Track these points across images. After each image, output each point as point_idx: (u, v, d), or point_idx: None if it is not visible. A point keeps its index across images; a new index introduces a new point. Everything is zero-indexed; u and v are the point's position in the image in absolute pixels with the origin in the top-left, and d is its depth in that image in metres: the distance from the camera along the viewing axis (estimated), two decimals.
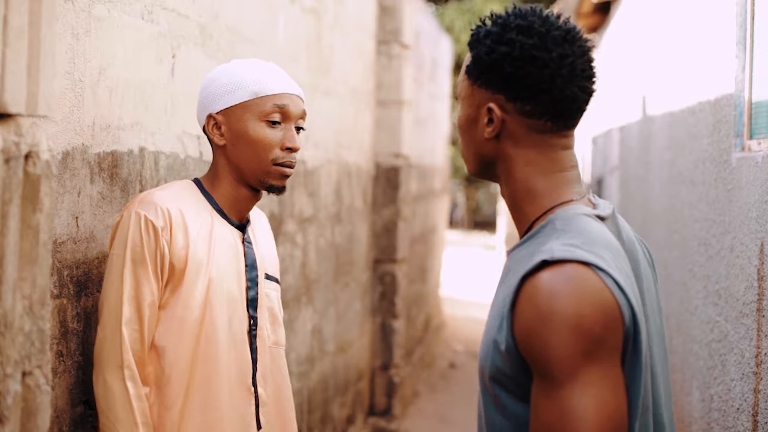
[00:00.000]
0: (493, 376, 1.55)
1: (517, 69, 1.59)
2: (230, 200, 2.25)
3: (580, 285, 1.47)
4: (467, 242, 21.42)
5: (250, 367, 2.22)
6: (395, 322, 6.32)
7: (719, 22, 3.16)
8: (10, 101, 1.41)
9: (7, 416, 1.40)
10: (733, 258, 2.75)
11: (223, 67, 2.27)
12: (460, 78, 1.72)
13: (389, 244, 6.25)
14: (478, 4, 18.22)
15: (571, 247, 1.51)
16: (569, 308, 1.45)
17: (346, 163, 5.36)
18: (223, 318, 2.17)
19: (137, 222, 2.10)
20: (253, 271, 2.27)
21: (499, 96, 1.62)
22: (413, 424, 6.59)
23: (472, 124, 1.67)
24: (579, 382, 1.44)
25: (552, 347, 1.45)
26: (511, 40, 1.58)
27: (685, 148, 3.76)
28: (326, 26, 4.79)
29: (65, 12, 2.12)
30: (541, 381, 1.47)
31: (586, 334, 1.45)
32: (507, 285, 1.57)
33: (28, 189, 1.46)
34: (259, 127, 2.19)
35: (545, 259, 1.49)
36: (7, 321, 1.41)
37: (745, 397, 2.53)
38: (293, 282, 4.27)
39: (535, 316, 1.47)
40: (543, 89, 1.59)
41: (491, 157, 1.67)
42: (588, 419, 1.43)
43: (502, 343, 1.52)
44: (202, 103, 2.26)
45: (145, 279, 2.10)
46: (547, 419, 1.45)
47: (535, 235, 1.60)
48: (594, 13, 8.74)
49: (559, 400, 1.44)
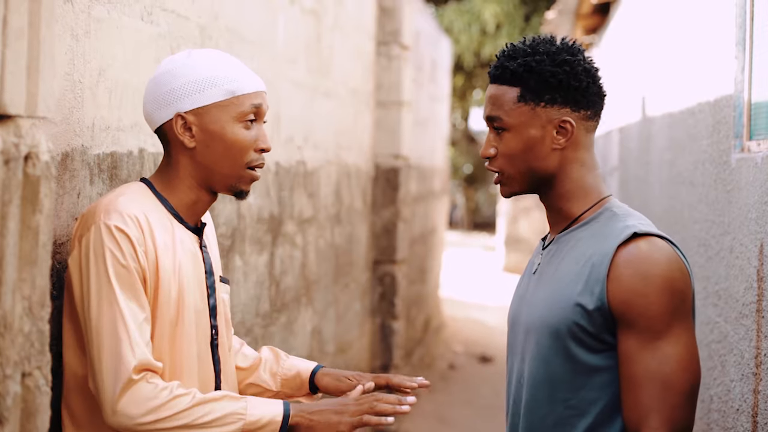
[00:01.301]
0: (572, 332, 1.86)
1: (580, 82, 1.93)
2: (187, 204, 2.07)
3: (669, 253, 1.84)
4: (467, 243, 21.41)
5: (213, 380, 2.10)
6: (395, 323, 6.32)
7: (718, 23, 3.16)
8: (10, 102, 1.41)
9: (7, 417, 1.40)
10: (733, 259, 2.75)
11: (183, 60, 2.05)
12: (510, 107, 1.95)
13: (389, 244, 6.25)
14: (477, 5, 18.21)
15: (647, 225, 1.88)
16: (666, 272, 1.82)
17: (346, 164, 5.36)
18: (192, 331, 2.03)
19: (109, 234, 1.91)
20: (211, 276, 2.12)
21: (566, 109, 1.94)
22: (413, 424, 6.58)
23: (536, 143, 1.95)
24: (674, 335, 1.81)
25: (653, 305, 1.80)
26: (567, 61, 1.93)
27: (685, 149, 3.76)
28: (326, 27, 4.79)
29: (65, 13, 2.12)
30: (637, 334, 1.81)
31: (678, 294, 1.82)
32: (577, 257, 1.90)
33: (28, 190, 1.46)
34: (236, 128, 2.03)
35: (636, 232, 1.84)
36: (7, 322, 1.41)
37: (745, 398, 2.53)
38: (293, 283, 4.27)
39: (637, 279, 1.81)
40: (596, 93, 1.97)
41: (553, 168, 1.96)
42: (682, 364, 1.80)
43: (590, 303, 1.84)
44: (161, 99, 2.03)
45: (135, 291, 1.92)
46: (649, 366, 1.80)
47: (593, 220, 1.94)
48: (593, 13, 8.74)
49: (658, 349, 1.80)
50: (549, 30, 11.09)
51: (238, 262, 3.50)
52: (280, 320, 4.08)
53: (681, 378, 1.80)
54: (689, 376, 1.81)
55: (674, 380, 1.80)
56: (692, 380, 1.81)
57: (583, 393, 1.87)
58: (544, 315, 1.91)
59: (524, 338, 1.98)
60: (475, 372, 7.79)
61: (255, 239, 3.70)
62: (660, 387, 1.79)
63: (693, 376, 1.82)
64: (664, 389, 1.79)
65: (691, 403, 1.83)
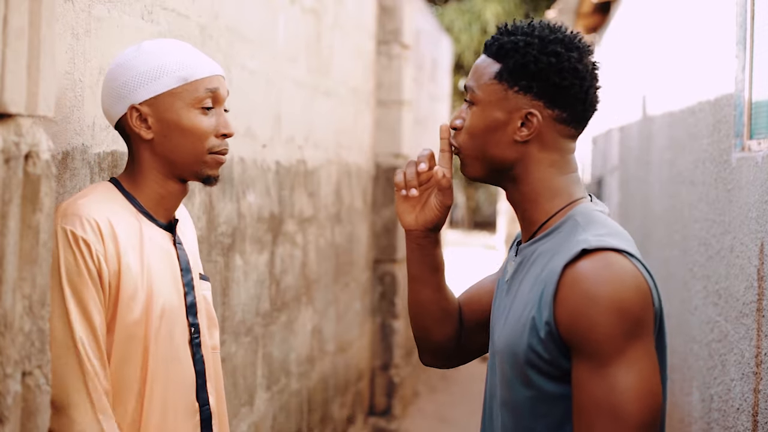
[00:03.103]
0: (528, 358, 1.68)
1: (563, 80, 1.74)
2: (156, 199, 2.01)
3: (620, 270, 1.63)
4: (467, 242, 21.41)
5: (193, 381, 2.03)
6: (395, 322, 6.32)
7: (719, 22, 3.16)
8: (10, 101, 1.41)
9: (7, 416, 1.40)
10: (733, 258, 2.75)
11: (133, 53, 1.99)
12: (485, 81, 1.80)
13: (389, 244, 6.25)
14: (478, 5, 18.22)
15: (603, 237, 1.67)
16: (613, 292, 1.61)
17: (346, 163, 5.36)
18: (166, 331, 1.97)
19: (65, 239, 1.84)
20: (188, 274, 2.06)
21: (538, 102, 1.76)
22: (413, 424, 6.58)
23: (498, 127, 1.78)
24: (624, 360, 1.60)
25: (599, 327, 1.60)
26: (556, 53, 1.74)
27: (685, 148, 3.76)
28: (326, 26, 4.79)
29: (65, 12, 2.12)
30: (586, 361, 1.62)
31: (629, 315, 1.61)
32: (535, 276, 1.72)
33: (28, 189, 1.46)
34: (192, 114, 1.97)
35: (585, 248, 1.64)
36: (7, 321, 1.41)
37: (745, 397, 2.53)
38: (293, 282, 4.27)
39: (582, 300, 1.62)
40: (579, 98, 1.76)
41: (511, 160, 1.79)
42: (634, 393, 1.59)
43: (542, 328, 1.66)
44: (115, 93, 1.98)
45: (90, 300, 1.85)
46: (595, 394, 1.61)
47: (556, 230, 1.75)
48: (594, 13, 8.74)
49: (606, 377, 1.60)
50: None
51: (239, 262, 3.50)
52: (281, 319, 4.08)
53: (633, 408, 1.59)
54: (642, 407, 1.59)
55: (625, 411, 1.59)
56: (647, 411, 1.59)
57: (546, 421, 1.70)
58: (506, 336, 1.76)
59: (493, 358, 1.84)
60: (476, 372, 7.79)
61: (255, 238, 3.70)
62: (609, 418, 1.59)
63: (648, 407, 1.60)
64: (613, 420, 1.59)
65: None
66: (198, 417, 2.05)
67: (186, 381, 2.02)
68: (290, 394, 4.25)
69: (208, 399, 2.07)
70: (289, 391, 4.24)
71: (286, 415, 4.19)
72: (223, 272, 3.33)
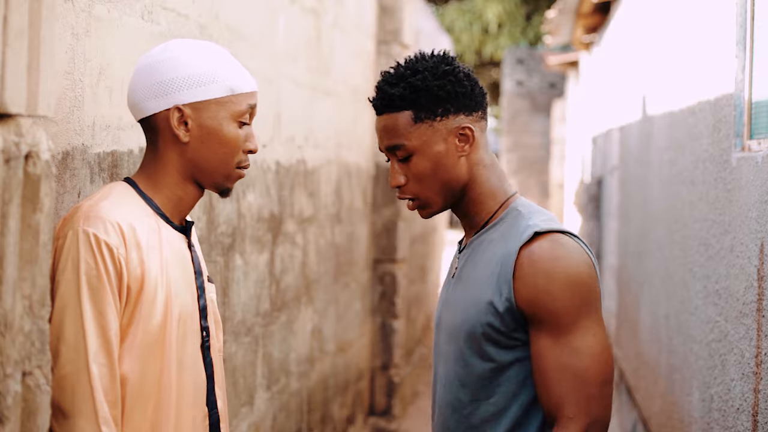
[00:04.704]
0: (485, 332, 1.90)
1: (465, 88, 1.97)
2: (174, 201, 1.99)
3: (572, 249, 1.89)
4: None
5: (204, 385, 2.01)
6: (395, 322, 6.32)
7: (719, 22, 3.16)
8: (10, 101, 1.41)
9: (7, 416, 1.40)
10: (733, 258, 2.75)
11: (183, 50, 1.97)
12: (408, 130, 1.96)
13: (389, 244, 6.25)
14: (478, 5, 18.21)
15: (548, 221, 1.92)
16: (568, 268, 1.86)
17: (346, 163, 5.36)
18: (182, 336, 1.95)
19: (87, 242, 1.81)
20: (200, 277, 2.05)
21: (461, 116, 1.97)
22: (413, 424, 6.59)
23: (442, 158, 1.96)
24: (582, 327, 1.85)
25: (559, 301, 1.84)
26: (446, 71, 1.96)
27: (685, 148, 3.76)
28: (326, 26, 4.79)
29: (65, 12, 2.12)
30: (548, 331, 1.85)
31: (584, 288, 1.86)
32: (488, 260, 1.94)
33: (28, 189, 1.46)
34: (232, 127, 1.97)
35: (536, 231, 1.88)
36: (7, 321, 1.41)
37: (745, 397, 2.53)
38: (293, 282, 4.27)
39: (541, 277, 1.85)
40: (479, 93, 2.00)
41: (465, 176, 1.98)
42: (595, 355, 1.85)
43: (500, 305, 1.88)
44: (157, 88, 1.94)
45: (107, 306, 1.81)
46: (561, 360, 1.84)
47: (501, 221, 1.98)
48: (594, 13, 8.73)
49: (569, 343, 1.85)
50: (549, 29, 11.08)
51: (239, 261, 3.50)
52: (281, 319, 4.08)
53: (593, 369, 1.84)
54: (602, 367, 1.85)
55: (587, 372, 1.84)
56: (605, 371, 1.86)
57: (503, 389, 1.91)
58: (461, 318, 1.95)
59: (446, 341, 2.01)
60: None
61: (255, 238, 3.70)
62: (572, 379, 1.84)
63: (605, 367, 1.86)
64: (576, 381, 1.84)
65: (606, 393, 1.86)
66: (207, 422, 2.02)
67: (198, 385, 2.00)
68: (290, 394, 4.25)
69: (216, 402, 2.05)
70: (289, 391, 4.24)
71: (286, 415, 4.19)
72: (223, 272, 3.33)
